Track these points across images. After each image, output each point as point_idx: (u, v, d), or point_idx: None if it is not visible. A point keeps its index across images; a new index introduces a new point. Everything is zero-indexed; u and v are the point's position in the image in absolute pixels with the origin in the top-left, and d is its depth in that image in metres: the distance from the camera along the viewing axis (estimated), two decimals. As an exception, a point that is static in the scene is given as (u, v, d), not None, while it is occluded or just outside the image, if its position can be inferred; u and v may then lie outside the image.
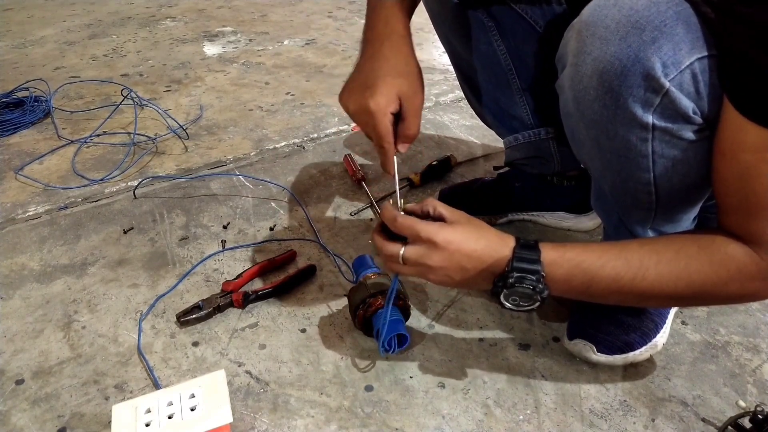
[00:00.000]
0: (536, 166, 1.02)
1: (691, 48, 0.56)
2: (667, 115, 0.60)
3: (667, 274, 0.61)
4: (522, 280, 0.62)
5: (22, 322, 0.89)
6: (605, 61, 0.59)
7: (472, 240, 0.64)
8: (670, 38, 0.56)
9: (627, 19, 0.57)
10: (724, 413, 0.73)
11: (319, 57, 1.99)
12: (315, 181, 1.25)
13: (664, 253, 0.62)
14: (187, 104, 1.64)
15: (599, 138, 0.66)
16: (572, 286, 0.64)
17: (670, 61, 0.56)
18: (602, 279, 0.62)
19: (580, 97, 0.65)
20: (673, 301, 0.73)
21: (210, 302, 0.89)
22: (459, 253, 0.63)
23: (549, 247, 0.64)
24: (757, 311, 0.89)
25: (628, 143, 0.64)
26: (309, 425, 0.73)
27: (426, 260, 0.64)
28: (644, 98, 0.59)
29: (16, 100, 1.59)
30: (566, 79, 0.67)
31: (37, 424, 0.74)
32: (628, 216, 0.75)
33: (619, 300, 0.66)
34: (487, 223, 0.69)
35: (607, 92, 0.61)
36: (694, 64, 0.57)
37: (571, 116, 0.70)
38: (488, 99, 1.00)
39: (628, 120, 0.61)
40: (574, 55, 0.64)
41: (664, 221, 0.73)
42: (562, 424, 0.72)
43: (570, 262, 0.63)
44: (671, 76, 0.57)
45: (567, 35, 0.67)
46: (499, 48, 0.92)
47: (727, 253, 0.60)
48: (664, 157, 0.64)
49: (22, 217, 1.15)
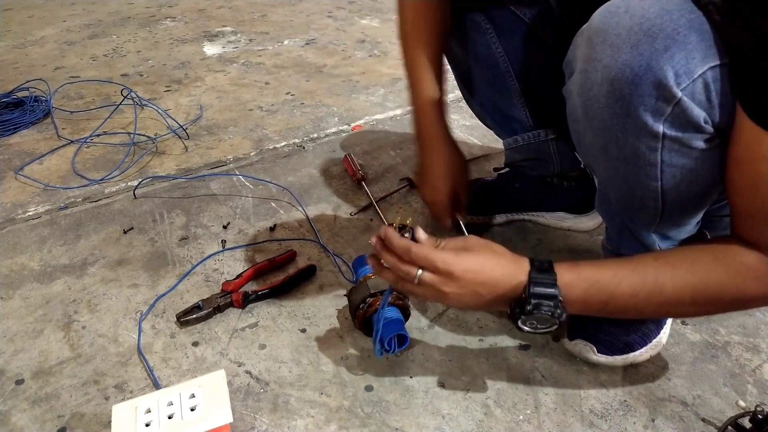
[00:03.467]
0: (536, 168, 1.02)
1: (704, 57, 0.56)
2: (678, 124, 0.59)
3: (683, 286, 0.61)
4: (540, 306, 0.61)
5: (22, 322, 0.89)
6: (616, 68, 0.58)
7: (488, 267, 0.63)
8: (682, 47, 0.55)
9: (639, 27, 0.57)
10: (724, 413, 0.73)
11: (319, 57, 1.99)
12: (315, 181, 1.25)
13: (680, 266, 0.62)
14: (187, 104, 1.64)
15: (608, 145, 0.66)
16: (590, 306, 0.64)
17: (682, 70, 0.56)
18: (619, 296, 0.62)
19: (589, 104, 0.64)
20: (693, 312, 0.72)
21: (210, 302, 0.89)
22: (475, 282, 0.62)
23: (564, 267, 0.63)
24: (757, 311, 0.89)
25: (637, 152, 0.63)
26: (309, 425, 0.73)
27: (442, 287, 0.63)
28: (655, 107, 0.58)
29: (16, 100, 1.59)
30: (575, 86, 0.66)
31: (37, 424, 0.74)
32: (632, 221, 0.75)
33: (637, 314, 0.66)
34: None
35: (618, 100, 0.60)
36: (707, 73, 0.56)
37: (579, 122, 0.69)
38: (487, 101, 1.00)
39: (639, 129, 0.60)
40: (584, 62, 0.63)
41: (669, 226, 0.73)
42: (562, 424, 0.72)
43: (586, 282, 0.62)
44: (683, 85, 0.56)
45: (576, 41, 0.66)
46: (497, 50, 0.91)
47: (743, 262, 0.60)
48: (672, 166, 0.63)
49: (22, 217, 1.15)
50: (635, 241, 0.77)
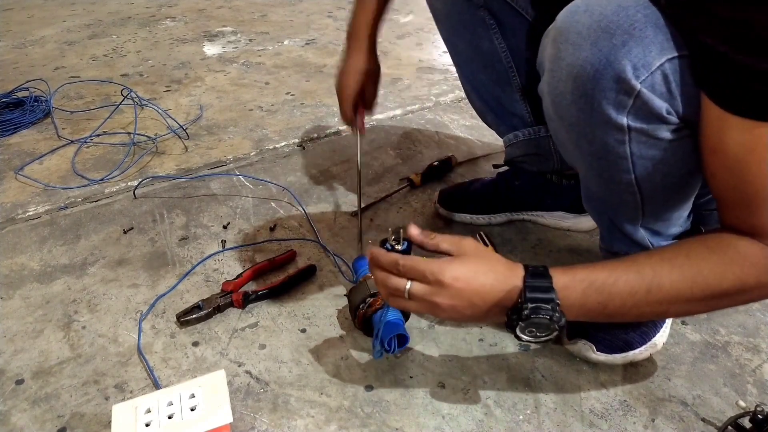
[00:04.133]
0: (536, 164, 1.02)
1: (661, 49, 0.57)
2: (642, 116, 0.61)
3: (681, 280, 0.60)
4: (537, 310, 0.59)
5: (22, 322, 0.89)
6: (578, 66, 0.60)
7: (481, 274, 0.61)
8: (639, 41, 0.57)
9: (597, 24, 0.58)
10: (724, 413, 0.73)
11: (319, 57, 1.99)
12: (315, 181, 1.25)
13: (675, 259, 0.61)
14: (187, 104, 1.64)
15: (579, 141, 0.67)
16: (588, 309, 0.62)
17: (640, 63, 0.57)
18: (617, 295, 0.61)
19: (557, 101, 0.66)
20: (694, 307, 0.69)
21: (210, 302, 0.89)
22: (468, 290, 0.60)
23: (559, 271, 0.62)
24: (757, 311, 0.89)
25: (606, 145, 0.64)
26: (309, 425, 0.73)
27: (434, 298, 0.61)
28: (617, 100, 0.60)
29: (16, 100, 1.59)
30: (545, 85, 0.68)
31: (37, 424, 0.74)
32: (617, 216, 0.76)
33: (638, 315, 0.64)
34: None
35: (582, 96, 0.62)
36: (665, 65, 0.58)
37: (553, 120, 0.71)
38: (489, 97, 1.01)
39: (604, 122, 0.62)
40: (550, 61, 0.65)
41: (655, 219, 0.73)
42: (562, 424, 0.72)
43: (582, 283, 0.61)
44: (642, 77, 0.58)
45: (543, 41, 0.68)
46: (500, 46, 0.92)
47: (738, 250, 0.60)
48: (643, 157, 0.64)
49: (22, 217, 1.15)
50: (626, 238, 0.77)
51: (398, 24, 2.32)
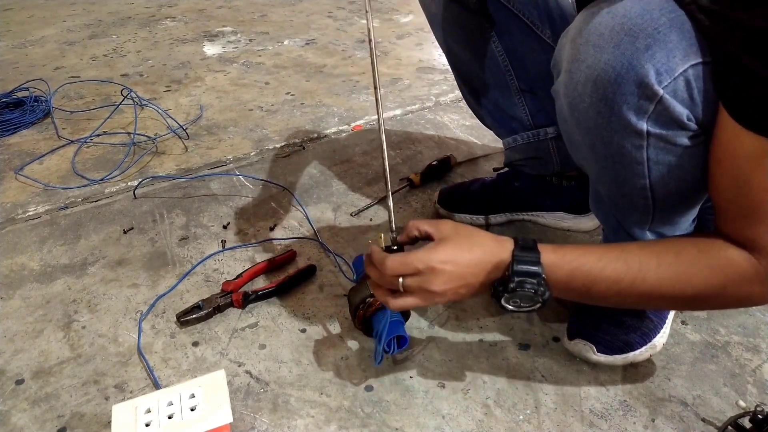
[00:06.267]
0: (536, 167, 1.02)
1: (685, 55, 0.56)
2: (662, 122, 0.60)
3: (667, 276, 0.61)
4: (523, 284, 0.61)
5: (22, 322, 0.89)
6: (599, 68, 0.59)
7: (466, 251, 0.62)
8: (663, 45, 0.56)
9: (620, 27, 0.57)
10: (724, 413, 0.73)
11: (319, 57, 1.99)
12: (315, 181, 1.25)
13: (664, 256, 0.62)
14: (187, 104, 1.64)
15: (594, 144, 0.66)
16: (572, 288, 0.64)
17: (663, 68, 0.56)
18: (603, 281, 0.62)
19: (574, 104, 0.65)
20: (672, 304, 0.73)
21: (210, 302, 0.89)
22: (458, 271, 0.62)
23: (548, 248, 0.63)
24: (757, 311, 0.89)
25: (623, 150, 0.63)
26: (309, 425, 0.73)
27: (428, 286, 0.62)
28: (638, 105, 0.59)
29: (16, 100, 1.59)
30: (561, 86, 0.67)
31: (37, 424, 0.74)
32: (625, 219, 0.75)
33: (618, 302, 0.66)
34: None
35: (602, 100, 0.61)
36: (688, 71, 0.57)
37: (567, 122, 0.70)
38: (487, 100, 1.01)
39: (623, 127, 0.61)
40: (569, 62, 0.63)
41: (663, 224, 0.73)
42: (562, 424, 0.72)
43: (570, 264, 0.62)
44: (665, 83, 0.57)
45: (561, 41, 0.67)
46: (497, 49, 0.92)
47: (727, 258, 0.60)
48: (659, 163, 0.63)
49: (22, 217, 1.15)
50: (631, 240, 0.77)
51: (398, 24, 2.32)
